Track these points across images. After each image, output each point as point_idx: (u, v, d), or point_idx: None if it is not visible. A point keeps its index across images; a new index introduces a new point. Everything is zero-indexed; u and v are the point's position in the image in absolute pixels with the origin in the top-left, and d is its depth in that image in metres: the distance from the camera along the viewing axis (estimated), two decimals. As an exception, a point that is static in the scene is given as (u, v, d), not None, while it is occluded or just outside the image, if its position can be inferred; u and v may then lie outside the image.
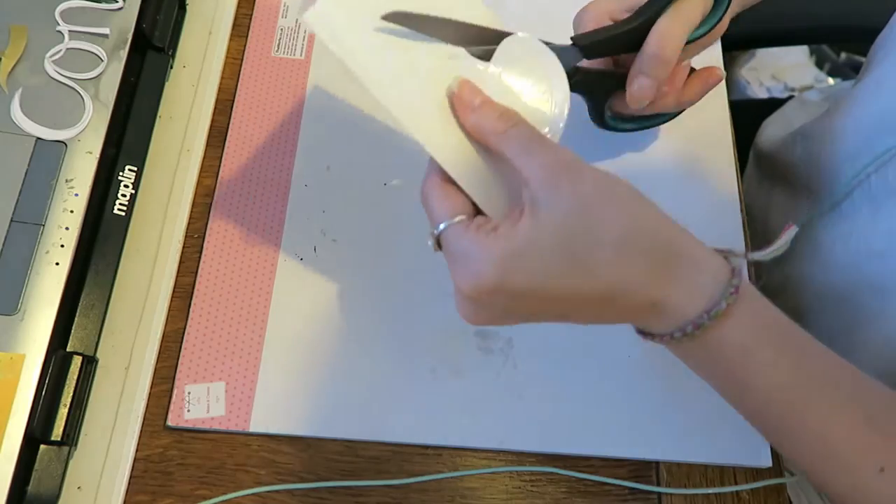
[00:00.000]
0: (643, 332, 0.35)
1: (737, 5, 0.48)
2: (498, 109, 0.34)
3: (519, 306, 0.33)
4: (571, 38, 0.41)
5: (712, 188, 0.53)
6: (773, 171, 0.64)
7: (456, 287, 0.33)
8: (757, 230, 0.54)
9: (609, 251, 0.31)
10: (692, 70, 0.47)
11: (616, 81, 0.44)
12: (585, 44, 0.41)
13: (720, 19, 0.44)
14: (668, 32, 0.41)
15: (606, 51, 0.42)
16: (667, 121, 0.52)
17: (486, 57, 0.37)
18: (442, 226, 0.33)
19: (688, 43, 0.43)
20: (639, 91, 0.42)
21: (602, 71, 0.45)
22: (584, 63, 0.43)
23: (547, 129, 0.37)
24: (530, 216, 0.32)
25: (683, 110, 0.50)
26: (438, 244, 0.34)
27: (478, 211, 0.35)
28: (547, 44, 0.38)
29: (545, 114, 0.37)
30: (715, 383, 0.35)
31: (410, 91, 0.34)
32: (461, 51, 0.36)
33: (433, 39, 0.36)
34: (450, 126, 0.35)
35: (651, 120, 0.51)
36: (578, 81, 0.43)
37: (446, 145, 0.35)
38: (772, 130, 0.69)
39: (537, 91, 0.37)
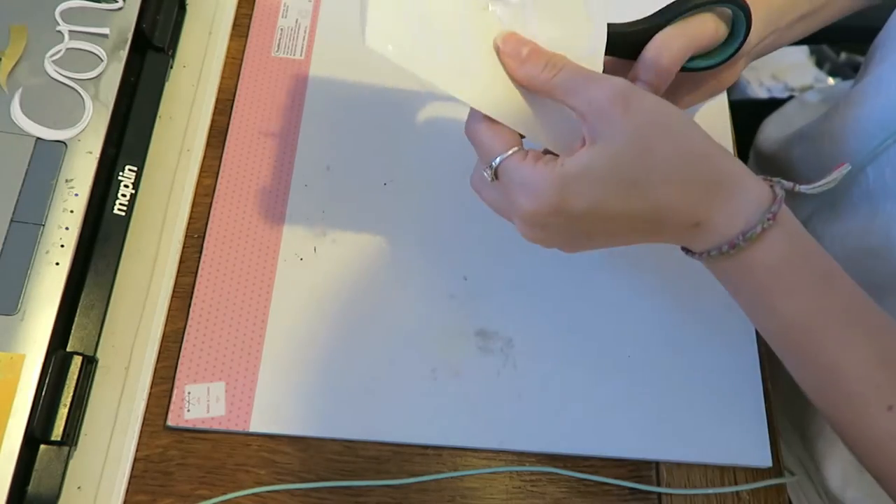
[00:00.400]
0: (685, 249, 0.38)
1: (758, 51, 0.46)
2: (544, 58, 0.36)
3: (576, 226, 0.35)
4: None
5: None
6: (772, 171, 0.64)
7: (516, 212, 0.36)
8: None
9: (660, 177, 0.33)
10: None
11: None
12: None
13: (733, 53, 0.43)
14: (668, 42, 0.40)
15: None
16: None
17: None
18: (500, 158, 0.35)
19: (695, 70, 0.42)
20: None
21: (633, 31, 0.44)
22: None
23: (586, 59, 0.38)
24: (589, 147, 0.34)
25: None
26: (495, 175, 0.36)
27: None
28: None
29: (583, 44, 0.38)
30: (742, 301, 0.38)
31: (471, 71, 0.36)
32: None
33: None
34: (499, 79, 0.37)
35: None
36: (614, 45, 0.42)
37: (501, 101, 0.36)
38: (771, 131, 0.69)
39: (574, 22, 0.38)
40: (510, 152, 0.35)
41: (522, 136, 0.37)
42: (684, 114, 0.35)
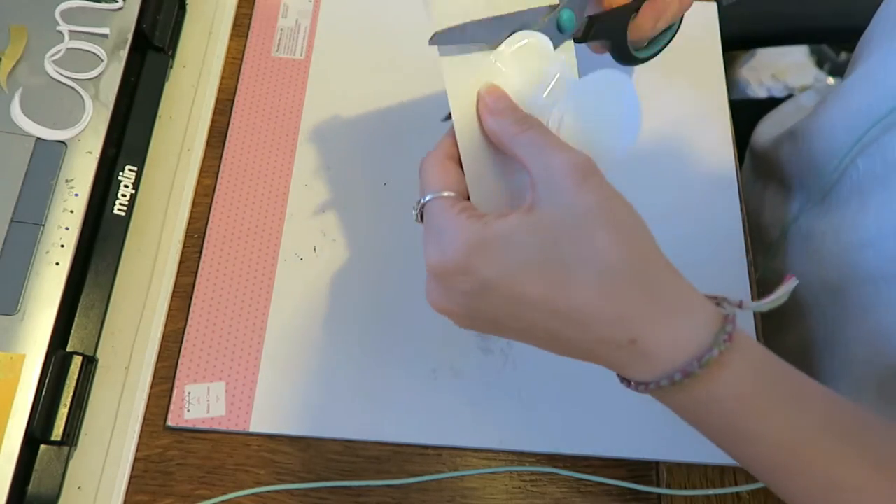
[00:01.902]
0: (626, 381, 0.33)
1: None
2: (517, 115, 0.34)
3: (484, 302, 0.31)
4: None
5: (712, 188, 0.53)
6: (766, 169, 0.64)
7: (426, 260, 0.32)
8: (750, 226, 0.54)
9: (592, 271, 0.29)
10: None
11: (625, 14, 0.43)
12: None
13: None
14: None
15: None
16: (672, 36, 0.51)
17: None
18: (429, 196, 0.33)
19: None
20: (664, 6, 0.41)
21: (607, 12, 0.44)
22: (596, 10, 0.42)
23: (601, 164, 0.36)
24: (524, 212, 0.30)
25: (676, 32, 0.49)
26: (421, 216, 0.34)
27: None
28: (556, 6, 0.38)
29: (607, 150, 0.37)
30: (708, 433, 0.33)
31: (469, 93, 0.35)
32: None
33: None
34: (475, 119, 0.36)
35: (664, 38, 0.50)
36: (598, 29, 0.42)
37: (471, 132, 0.35)
38: (765, 130, 0.69)
39: (607, 127, 0.37)
40: (443, 194, 0.32)
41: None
42: (637, 214, 0.31)
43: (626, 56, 0.47)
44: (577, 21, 0.39)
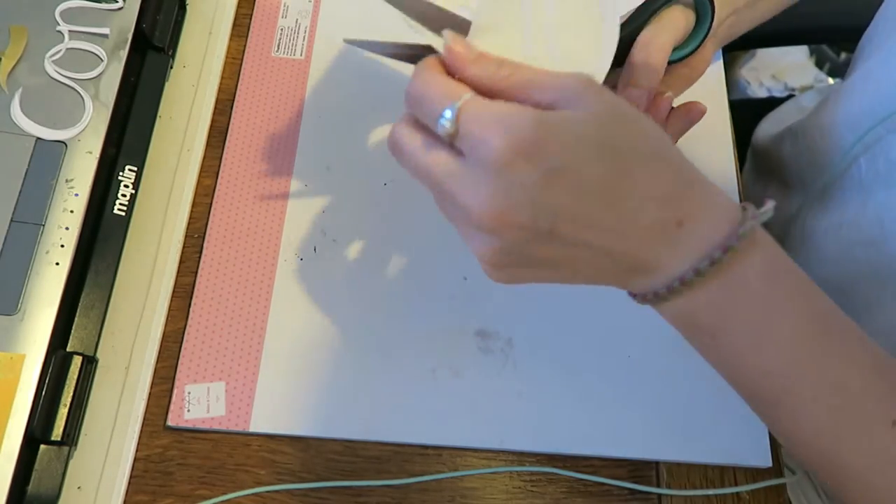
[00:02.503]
0: (649, 293, 0.32)
1: (722, 33, 0.48)
2: (496, 59, 0.31)
3: (547, 193, 0.29)
4: None
5: (712, 188, 0.53)
6: (767, 168, 0.64)
7: (478, 161, 0.29)
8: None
9: (645, 154, 0.30)
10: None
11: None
12: None
13: (704, 38, 0.44)
14: (653, 40, 0.40)
15: None
16: None
17: None
18: (463, 99, 0.29)
19: (671, 63, 0.43)
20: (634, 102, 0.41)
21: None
22: None
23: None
24: (566, 107, 0.29)
25: None
26: (455, 125, 0.29)
27: None
28: None
29: (593, 64, 0.36)
30: (728, 341, 0.33)
31: None
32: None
33: None
34: None
35: None
36: None
37: None
38: (766, 129, 0.69)
39: (586, 38, 0.36)
40: (471, 94, 0.30)
41: None
42: None
43: None
44: None
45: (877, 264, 0.46)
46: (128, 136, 0.50)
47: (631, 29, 0.41)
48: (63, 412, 0.41)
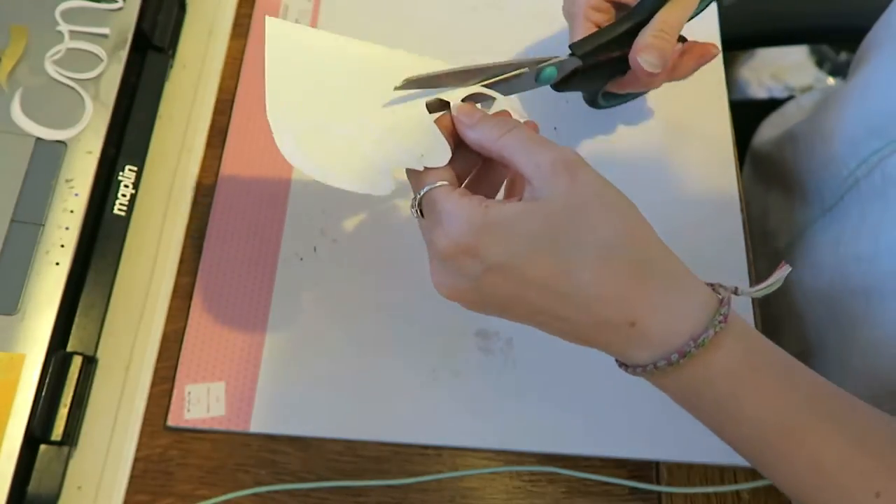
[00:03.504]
0: (624, 365, 0.34)
1: None
2: (493, 121, 0.35)
3: (492, 283, 0.32)
4: (570, 47, 0.42)
5: (712, 188, 0.53)
6: (768, 172, 0.64)
7: (431, 247, 0.33)
8: (755, 231, 0.54)
9: (592, 254, 0.30)
10: (683, 39, 0.46)
11: (611, 69, 0.45)
12: (583, 52, 0.42)
13: (707, 4, 0.45)
14: (668, 22, 0.41)
15: (605, 52, 0.43)
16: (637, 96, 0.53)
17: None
18: (427, 188, 0.33)
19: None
20: (646, 63, 0.42)
21: (598, 64, 0.45)
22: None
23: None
24: (524, 201, 0.32)
25: None
26: (420, 210, 0.34)
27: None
28: (545, 60, 0.39)
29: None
30: (701, 415, 0.34)
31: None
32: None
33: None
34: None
35: (638, 94, 0.52)
36: (577, 80, 0.43)
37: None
38: (767, 132, 0.69)
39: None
40: (438, 184, 0.33)
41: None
42: (632, 203, 0.33)
43: (592, 103, 0.51)
44: (557, 76, 0.41)
45: (868, 279, 0.46)
46: (128, 136, 0.50)
47: (645, 16, 0.42)
48: (63, 412, 0.41)
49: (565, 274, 0.31)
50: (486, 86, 0.37)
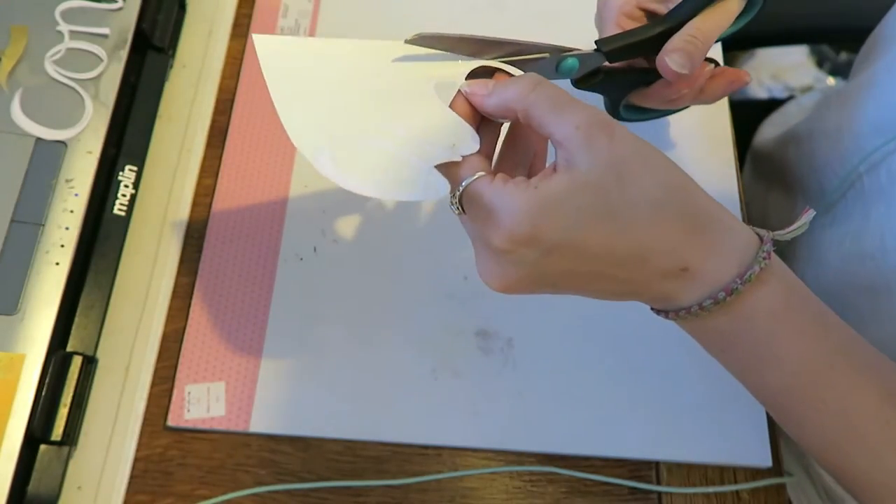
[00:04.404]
0: (663, 311, 0.34)
1: None
2: (515, 77, 0.33)
3: (549, 264, 0.31)
4: (596, 43, 0.40)
5: (712, 188, 0.52)
6: (768, 171, 0.64)
7: (483, 244, 0.32)
8: (757, 233, 0.54)
9: (645, 210, 0.30)
10: (715, 63, 0.45)
11: (637, 77, 0.44)
12: (609, 49, 0.40)
13: (750, 21, 0.44)
14: (701, 30, 0.40)
15: (632, 54, 0.41)
16: (676, 111, 0.51)
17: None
18: (465, 182, 0.32)
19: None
20: (674, 63, 0.40)
21: (624, 69, 0.44)
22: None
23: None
24: (565, 172, 0.30)
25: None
26: (461, 206, 0.33)
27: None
28: (570, 50, 0.38)
29: None
30: (736, 359, 0.34)
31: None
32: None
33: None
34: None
35: (662, 112, 0.50)
36: (600, 81, 0.42)
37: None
38: (768, 131, 0.69)
39: None
40: (475, 176, 0.32)
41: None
42: (661, 152, 0.32)
43: (615, 114, 0.48)
44: (579, 71, 0.39)
45: (874, 278, 0.46)
46: (128, 136, 0.50)
47: (679, 20, 0.40)
48: (63, 412, 0.41)
49: (622, 237, 0.30)
50: (506, 61, 0.36)
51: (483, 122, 0.35)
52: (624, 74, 0.44)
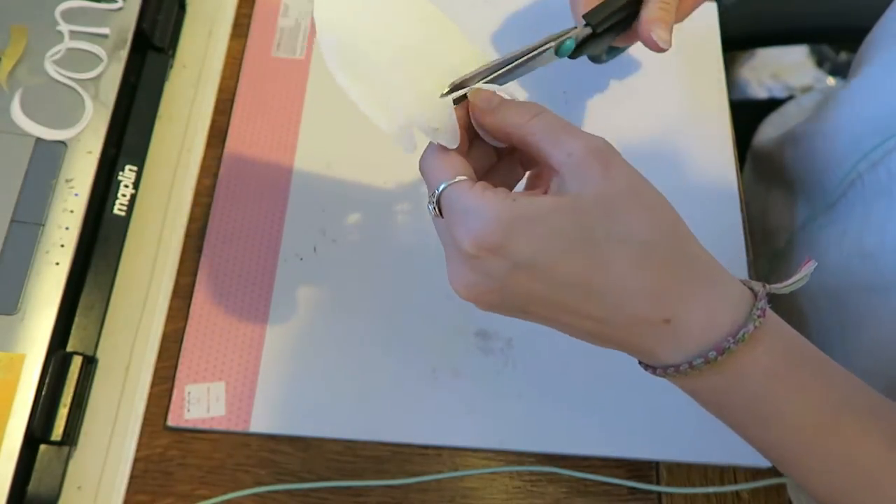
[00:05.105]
0: (651, 366, 0.32)
1: None
2: (517, 106, 0.32)
3: (518, 282, 0.30)
4: (584, 17, 0.42)
5: (712, 188, 0.53)
6: (769, 172, 0.64)
7: (454, 248, 0.31)
8: (755, 230, 0.54)
9: (629, 249, 0.29)
10: None
11: (618, 28, 0.44)
12: (598, 21, 0.42)
13: None
14: None
15: (616, 17, 0.43)
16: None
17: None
18: (443, 185, 0.31)
19: None
20: (661, 41, 0.42)
21: (610, 14, 0.45)
22: None
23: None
24: (553, 195, 0.30)
25: None
26: (439, 208, 0.32)
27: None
28: (563, 34, 0.39)
29: None
30: (733, 416, 0.33)
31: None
32: None
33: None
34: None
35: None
36: (588, 45, 0.43)
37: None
38: (768, 131, 0.69)
39: None
40: (455, 179, 0.31)
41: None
42: (664, 197, 0.31)
43: (598, 60, 0.51)
44: (573, 46, 0.40)
45: (872, 276, 0.46)
46: (128, 136, 0.50)
47: None
48: (63, 412, 0.41)
49: (598, 271, 0.29)
50: (512, 67, 0.36)
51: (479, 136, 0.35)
52: (608, 31, 0.44)
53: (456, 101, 0.35)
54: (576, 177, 0.30)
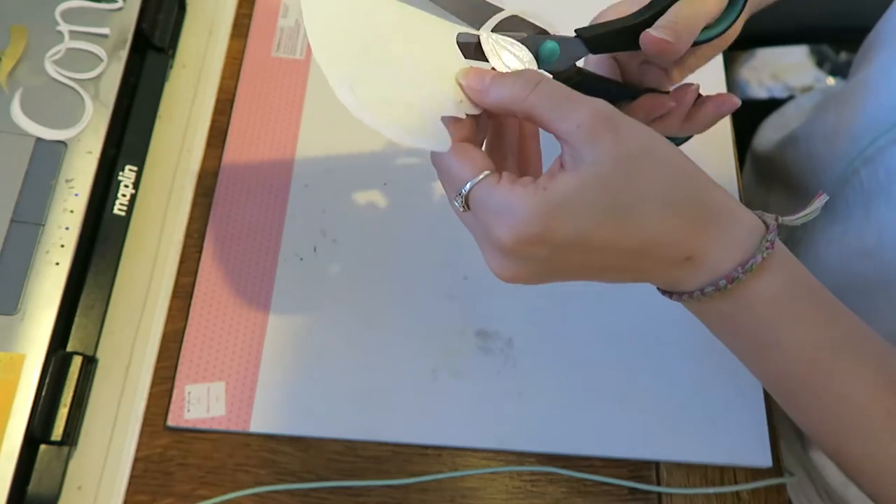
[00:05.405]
0: (669, 292, 0.34)
1: (749, 6, 0.47)
2: (515, 76, 0.33)
3: (559, 259, 0.32)
4: (576, 31, 0.39)
5: (712, 188, 0.53)
6: (769, 173, 0.64)
7: (492, 243, 0.32)
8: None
9: (652, 205, 0.31)
10: (699, 95, 0.44)
11: (617, 90, 0.43)
12: (590, 36, 0.39)
13: (734, 21, 0.43)
14: (682, 14, 0.39)
15: (612, 45, 0.40)
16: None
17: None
18: (469, 184, 0.31)
19: (696, 44, 0.42)
20: (657, 32, 0.39)
21: (603, 77, 0.43)
22: (587, 64, 0.42)
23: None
24: (572, 169, 0.31)
25: (686, 138, 0.47)
26: (467, 205, 0.32)
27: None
28: (548, 34, 0.37)
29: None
30: (737, 342, 0.35)
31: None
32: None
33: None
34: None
35: None
36: (578, 84, 0.41)
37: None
38: (767, 133, 0.69)
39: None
40: (481, 176, 0.31)
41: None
42: (673, 145, 0.32)
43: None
44: (560, 61, 0.38)
45: (872, 275, 0.46)
46: (128, 136, 0.50)
47: (660, 8, 0.38)
48: (63, 412, 0.41)
49: (630, 231, 0.31)
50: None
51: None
52: (601, 83, 0.42)
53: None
54: (589, 147, 0.30)
